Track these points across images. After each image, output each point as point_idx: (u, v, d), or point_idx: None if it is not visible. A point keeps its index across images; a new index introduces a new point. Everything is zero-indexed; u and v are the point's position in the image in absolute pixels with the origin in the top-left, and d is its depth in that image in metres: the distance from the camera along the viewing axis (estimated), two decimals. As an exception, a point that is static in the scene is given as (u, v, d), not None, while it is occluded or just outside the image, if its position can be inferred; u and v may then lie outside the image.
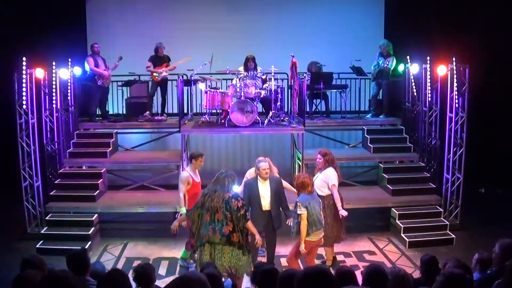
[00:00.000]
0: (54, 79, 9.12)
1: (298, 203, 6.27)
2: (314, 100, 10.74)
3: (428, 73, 9.40)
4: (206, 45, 11.02)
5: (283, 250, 7.73)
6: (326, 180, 7.00)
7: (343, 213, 6.92)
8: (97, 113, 10.48)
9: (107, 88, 10.38)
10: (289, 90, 10.46)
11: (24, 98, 8.31)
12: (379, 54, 10.24)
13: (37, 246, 7.92)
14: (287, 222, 6.95)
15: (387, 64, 10.01)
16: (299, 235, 6.33)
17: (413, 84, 9.93)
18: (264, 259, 7.02)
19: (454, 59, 8.79)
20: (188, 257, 7.34)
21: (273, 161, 7.42)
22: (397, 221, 8.59)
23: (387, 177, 9.38)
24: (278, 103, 9.49)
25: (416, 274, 5.74)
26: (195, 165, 7.22)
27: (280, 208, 6.99)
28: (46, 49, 9.86)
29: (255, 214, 6.73)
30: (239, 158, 11.50)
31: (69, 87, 9.64)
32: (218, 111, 9.80)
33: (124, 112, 10.71)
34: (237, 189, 7.18)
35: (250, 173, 7.29)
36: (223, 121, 9.56)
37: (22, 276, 3.56)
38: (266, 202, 6.80)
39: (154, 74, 10.22)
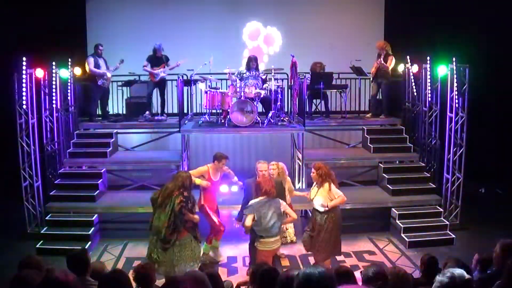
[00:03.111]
0: (54, 79, 9.12)
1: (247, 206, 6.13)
2: (314, 100, 10.74)
3: (428, 73, 9.40)
4: (206, 45, 11.02)
5: (284, 250, 7.74)
6: (330, 197, 6.55)
7: None
8: (97, 113, 10.48)
9: (107, 88, 10.38)
10: (289, 90, 10.46)
11: (24, 98, 8.31)
12: (379, 55, 10.21)
13: (37, 246, 7.92)
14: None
15: (385, 63, 9.98)
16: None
17: (413, 84, 9.92)
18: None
19: (454, 59, 8.79)
20: (208, 252, 7.52)
21: (273, 161, 7.44)
22: (397, 221, 8.58)
23: (387, 177, 9.37)
24: (278, 103, 9.49)
25: (416, 274, 5.74)
26: (216, 165, 7.38)
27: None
28: (46, 49, 9.85)
29: None
30: (239, 158, 11.49)
31: (69, 87, 9.64)
32: (218, 111, 9.80)
33: (124, 112, 10.71)
34: (224, 189, 7.28)
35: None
36: (223, 121, 9.56)
37: (20, 276, 3.56)
38: None
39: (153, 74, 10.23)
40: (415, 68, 9.81)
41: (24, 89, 8.28)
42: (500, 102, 10.90)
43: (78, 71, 9.89)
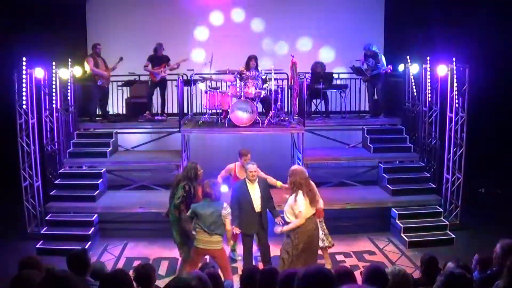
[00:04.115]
0: (54, 79, 9.12)
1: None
2: (314, 100, 10.73)
3: (428, 73, 9.40)
4: (206, 45, 11.00)
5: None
6: (293, 210, 6.11)
7: (277, 230, 6.39)
8: (97, 113, 10.48)
9: (107, 88, 10.37)
10: (289, 90, 10.45)
11: (24, 98, 8.31)
12: (366, 56, 10.18)
13: (37, 246, 7.92)
14: (276, 221, 6.97)
15: (384, 69, 9.94)
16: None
17: (413, 84, 9.92)
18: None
19: (454, 59, 8.79)
20: (235, 248, 7.71)
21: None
22: (397, 221, 8.58)
23: (387, 177, 9.37)
24: (278, 103, 9.49)
25: (416, 274, 5.74)
26: (241, 162, 7.56)
27: (267, 208, 6.99)
28: (46, 49, 9.85)
29: (248, 217, 6.73)
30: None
31: (69, 87, 9.64)
32: (218, 111, 9.80)
33: (124, 112, 10.71)
34: (225, 189, 7.30)
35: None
36: (223, 121, 9.56)
37: (20, 276, 3.55)
38: (257, 204, 6.79)
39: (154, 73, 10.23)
40: (415, 68, 9.81)
41: (24, 89, 8.29)
42: (500, 102, 10.89)
43: (78, 71, 9.88)
